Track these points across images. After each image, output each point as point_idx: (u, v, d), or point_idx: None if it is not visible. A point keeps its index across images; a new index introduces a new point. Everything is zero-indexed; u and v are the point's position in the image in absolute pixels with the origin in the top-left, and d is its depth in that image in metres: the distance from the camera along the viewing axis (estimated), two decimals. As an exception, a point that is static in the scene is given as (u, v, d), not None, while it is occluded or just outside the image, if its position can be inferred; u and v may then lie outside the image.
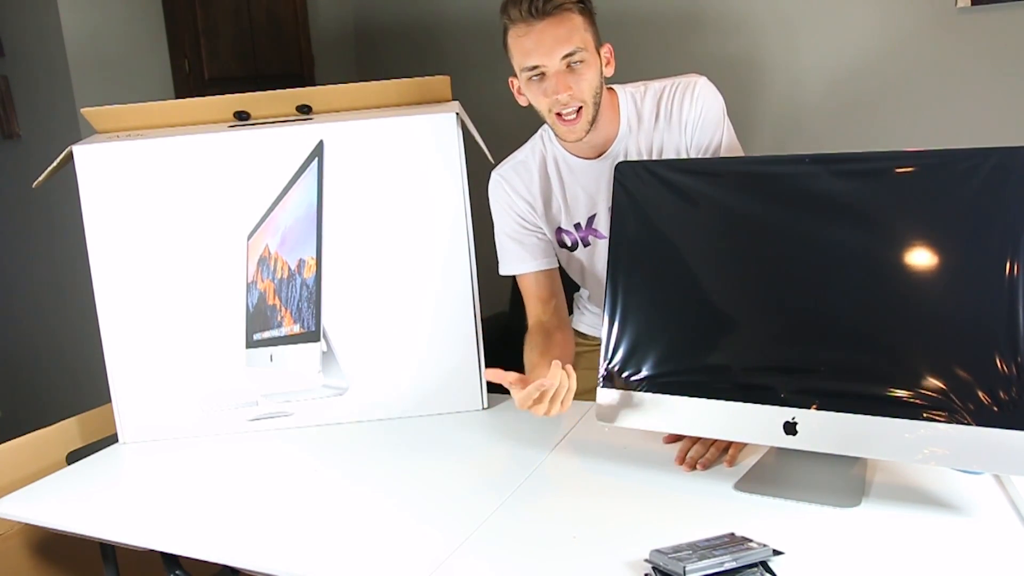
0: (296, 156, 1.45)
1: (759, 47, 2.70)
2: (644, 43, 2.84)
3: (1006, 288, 0.99)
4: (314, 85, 1.89)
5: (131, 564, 1.37)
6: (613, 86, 1.45)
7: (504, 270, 1.55)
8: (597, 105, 1.36)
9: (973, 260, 1.02)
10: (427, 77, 1.56)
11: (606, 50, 1.38)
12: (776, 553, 0.94)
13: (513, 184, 1.50)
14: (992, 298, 1.00)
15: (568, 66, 1.31)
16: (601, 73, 1.36)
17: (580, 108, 1.34)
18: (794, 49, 2.65)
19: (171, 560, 1.24)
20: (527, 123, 1.50)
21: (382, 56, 3.46)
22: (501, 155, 1.55)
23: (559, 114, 1.35)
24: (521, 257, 1.52)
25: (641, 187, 1.23)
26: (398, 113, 1.48)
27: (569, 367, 1.23)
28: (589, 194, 1.47)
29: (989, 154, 1.02)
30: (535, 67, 1.32)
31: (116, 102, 1.61)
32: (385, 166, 1.45)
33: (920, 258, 1.05)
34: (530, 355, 1.46)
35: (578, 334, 1.68)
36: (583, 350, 1.66)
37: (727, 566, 0.91)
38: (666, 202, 1.22)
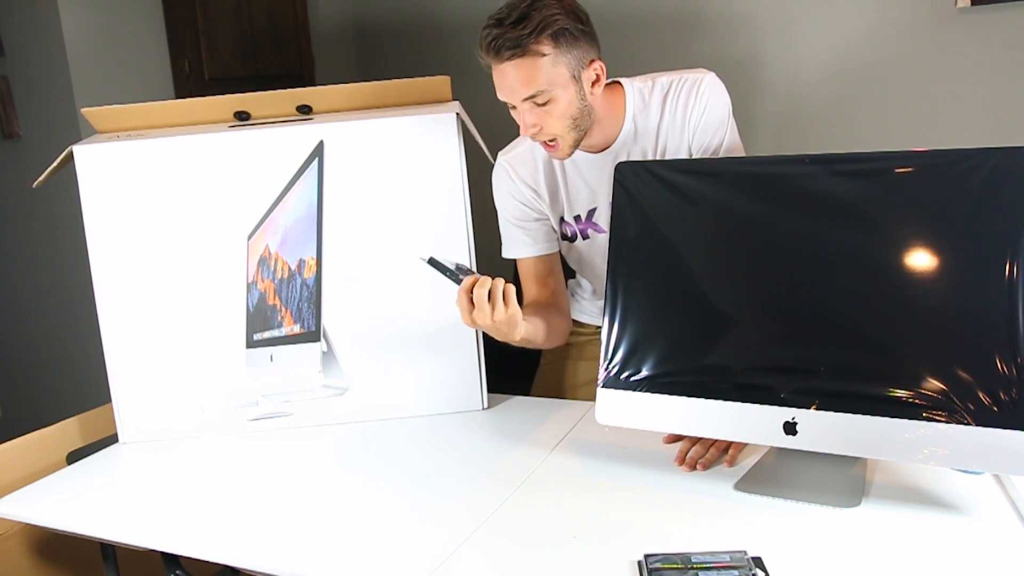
0: (296, 156, 1.45)
1: (758, 47, 2.70)
2: (643, 43, 2.84)
3: (1006, 288, 0.99)
4: (314, 85, 1.89)
5: (131, 564, 1.37)
6: (620, 80, 1.43)
7: (507, 254, 1.55)
8: (579, 129, 1.34)
9: (973, 260, 1.02)
10: (427, 77, 1.56)
11: (595, 69, 1.32)
12: None
13: (518, 171, 1.49)
14: (992, 298, 1.00)
15: (535, 104, 1.29)
16: (581, 99, 1.31)
17: (555, 138, 1.34)
18: (793, 49, 2.65)
19: (171, 560, 1.24)
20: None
21: (382, 56, 3.47)
22: (501, 156, 1.55)
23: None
24: (523, 242, 1.52)
25: (641, 187, 1.23)
26: (398, 113, 1.48)
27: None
28: (590, 187, 1.47)
29: (989, 154, 1.02)
30: (505, 100, 1.32)
31: (116, 102, 1.61)
32: (385, 166, 1.45)
33: (920, 258, 1.05)
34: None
35: (574, 322, 1.68)
36: (578, 339, 1.66)
37: None
38: (666, 202, 1.22)
